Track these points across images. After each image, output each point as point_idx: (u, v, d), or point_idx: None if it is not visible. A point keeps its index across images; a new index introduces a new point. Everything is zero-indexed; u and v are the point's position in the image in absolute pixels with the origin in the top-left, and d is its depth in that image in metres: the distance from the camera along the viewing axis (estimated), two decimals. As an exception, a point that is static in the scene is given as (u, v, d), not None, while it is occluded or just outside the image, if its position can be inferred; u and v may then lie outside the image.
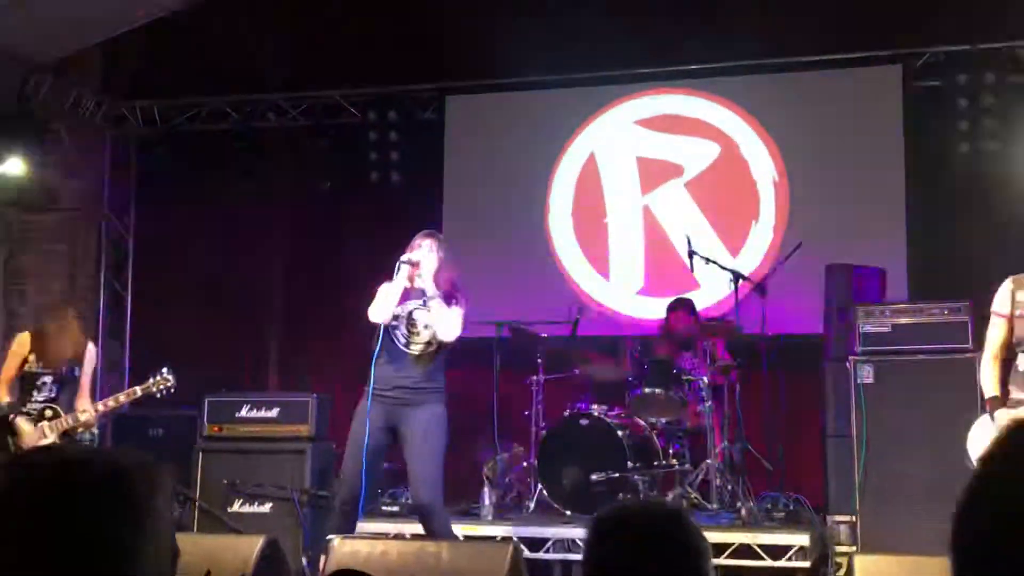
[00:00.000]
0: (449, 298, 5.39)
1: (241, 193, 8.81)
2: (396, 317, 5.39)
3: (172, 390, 6.32)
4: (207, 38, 8.55)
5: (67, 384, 6.14)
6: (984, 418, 4.53)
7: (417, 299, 5.41)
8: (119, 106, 9.14)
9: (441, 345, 5.42)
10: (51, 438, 5.98)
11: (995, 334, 4.61)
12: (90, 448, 1.13)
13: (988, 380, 4.56)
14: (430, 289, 5.36)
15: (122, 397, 6.32)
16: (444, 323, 5.35)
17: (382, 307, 5.36)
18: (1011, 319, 4.52)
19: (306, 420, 7.26)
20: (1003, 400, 4.45)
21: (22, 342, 6.19)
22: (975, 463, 4.51)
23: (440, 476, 5.38)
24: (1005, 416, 4.35)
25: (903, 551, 4.72)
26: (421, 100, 8.79)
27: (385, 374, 5.37)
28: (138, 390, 6.35)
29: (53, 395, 6.09)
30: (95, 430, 6.47)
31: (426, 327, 5.37)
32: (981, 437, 4.49)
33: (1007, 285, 4.60)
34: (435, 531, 5.32)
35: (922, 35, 7.83)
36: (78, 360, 6.22)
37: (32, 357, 6.14)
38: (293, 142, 9.08)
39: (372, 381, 5.38)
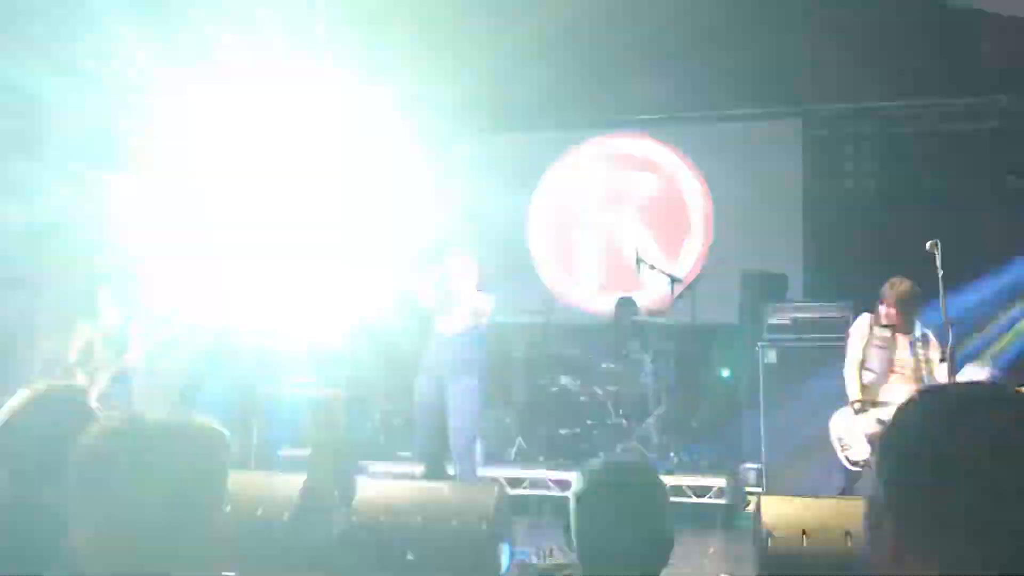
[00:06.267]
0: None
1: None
2: (442, 307, 5.32)
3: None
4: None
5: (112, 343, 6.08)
6: (845, 410, 4.66)
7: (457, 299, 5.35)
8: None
9: (477, 327, 5.32)
10: (102, 383, 5.97)
11: (855, 353, 4.79)
12: (167, 418, 1.15)
13: (852, 385, 4.73)
14: (466, 293, 5.31)
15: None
16: (482, 305, 5.32)
17: (430, 297, 5.31)
18: (867, 344, 4.76)
19: (340, 384, 7.22)
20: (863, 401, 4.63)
21: (80, 328, 6.16)
22: (837, 440, 4.51)
23: (472, 433, 5.29)
24: (872, 416, 4.53)
25: (797, 491, 4.75)
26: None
27: (434, 355, 5.30)
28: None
29: (104, 352, 6.05)
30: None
31: (471, 312, 5.29)
32: (839, 423, 4.69)
33: (865, 318, 4.82)
34: (459, 472, 5.22)
35: (817, 95, 7.81)
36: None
37: (88, 329, 6.09)
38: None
39: (426, 361, 5.33)
